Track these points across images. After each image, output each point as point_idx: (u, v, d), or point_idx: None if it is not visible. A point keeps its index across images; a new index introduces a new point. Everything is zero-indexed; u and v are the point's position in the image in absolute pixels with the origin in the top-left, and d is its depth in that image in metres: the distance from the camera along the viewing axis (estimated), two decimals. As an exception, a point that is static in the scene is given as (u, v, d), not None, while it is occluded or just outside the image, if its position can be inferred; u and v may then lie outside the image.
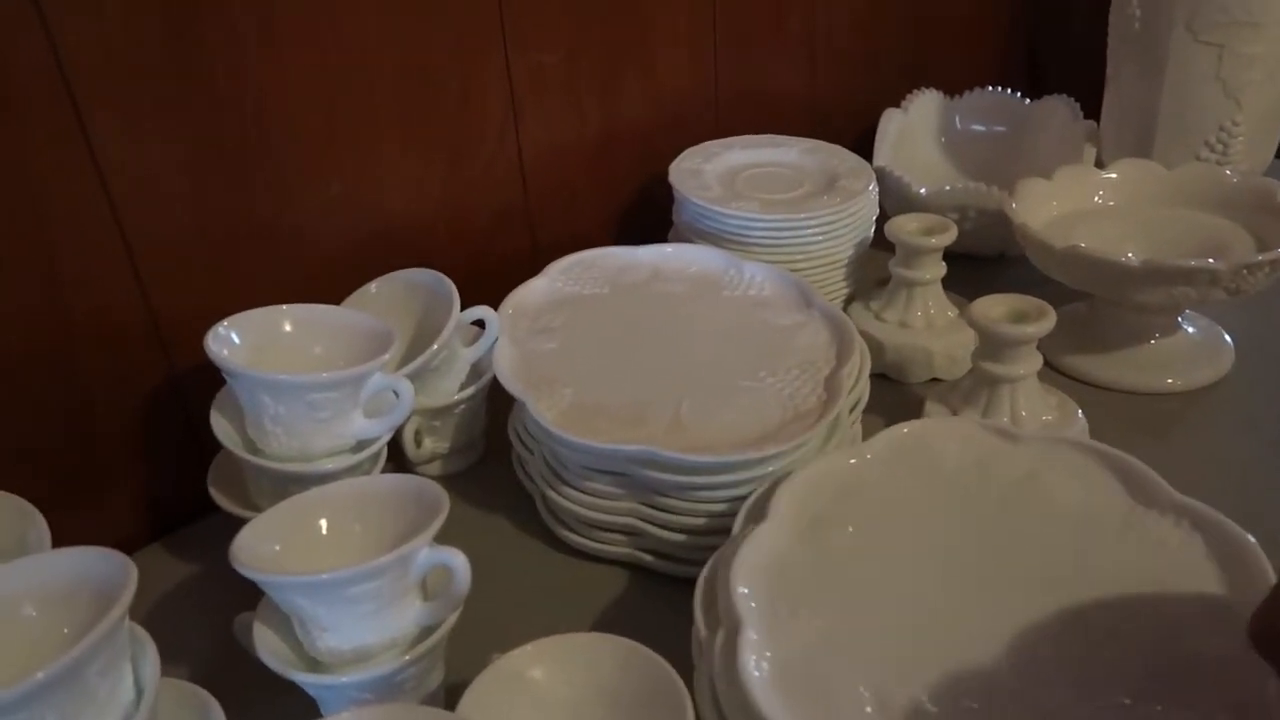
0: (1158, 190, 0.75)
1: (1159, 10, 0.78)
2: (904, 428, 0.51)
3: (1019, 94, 1.01)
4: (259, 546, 0.44)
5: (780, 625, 0.39)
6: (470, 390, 0.62)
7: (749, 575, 0.41)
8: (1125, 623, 0.40)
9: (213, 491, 0.54)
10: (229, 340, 0.52)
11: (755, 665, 0.36)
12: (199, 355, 0.51)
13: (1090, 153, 0.88)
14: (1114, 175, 0.77)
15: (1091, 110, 0.92)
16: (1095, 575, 0.42)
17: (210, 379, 0.54)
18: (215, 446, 0.54)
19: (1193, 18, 0.77)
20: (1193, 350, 0.71)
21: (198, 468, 0.57)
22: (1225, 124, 0.79)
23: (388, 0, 0.65)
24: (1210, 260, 0.62)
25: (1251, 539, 0.41)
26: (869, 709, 0.36)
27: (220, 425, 0.53)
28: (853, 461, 0.49)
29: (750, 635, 0.38)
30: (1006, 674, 0.38)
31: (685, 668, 0.42)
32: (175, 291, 0.59)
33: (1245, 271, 0.62)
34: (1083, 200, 0.76)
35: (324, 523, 0.47)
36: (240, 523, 0.46)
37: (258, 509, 0.52)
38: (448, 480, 0.64)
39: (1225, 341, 0.72)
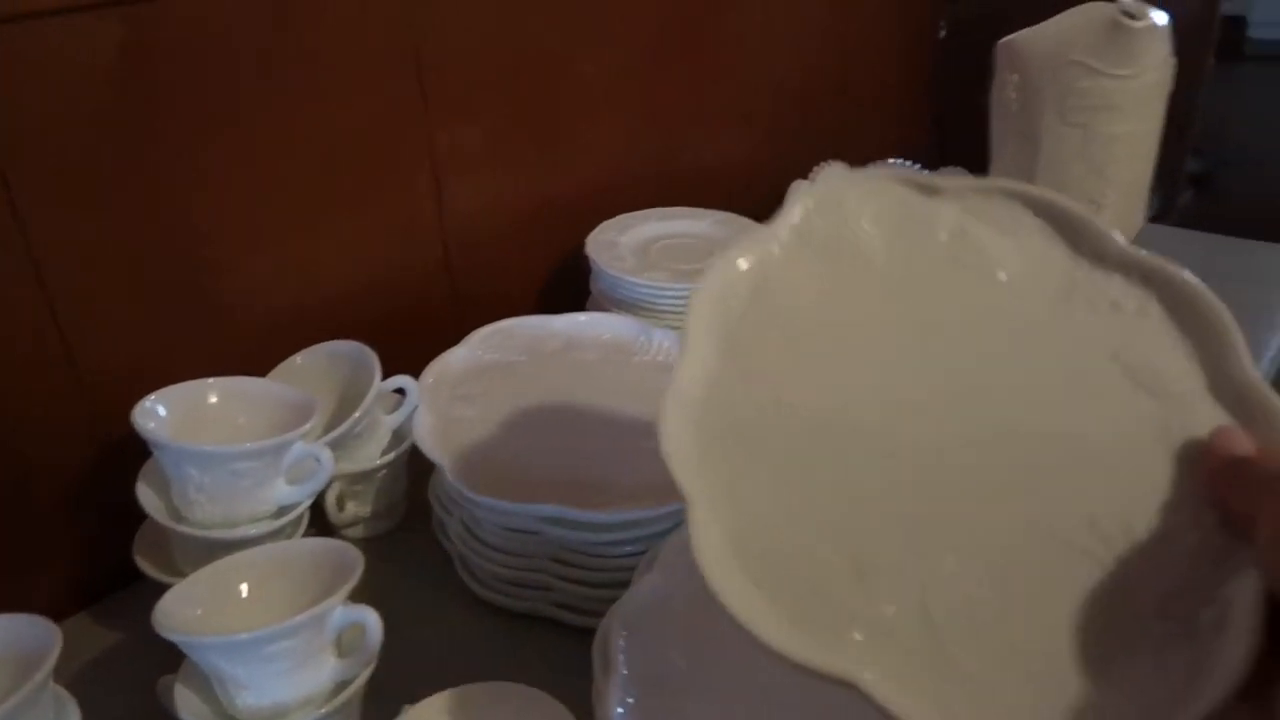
0: (1035, 257, 0.82)
1: (1032, 95, 0.86)
2: (809, 199, 0.42)
3: (918, 165, 1.09)
4: (181, 611, 0.47)
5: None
6: (391, 456, 0.65)
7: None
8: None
9: (138, 559, 0.56)
10: (155, 413, 0.55)
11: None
12: (127, 426, 0.54)
13: (979, 222, 0.95)
14: (995, 244, 0.83)
15: (983, 181, 0.99)
16: (1050, 363, 0.37)
17: (138, 448, 0.56)
18: (142, 515, 0.57)
19: (1061, 102, 0.84)
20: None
21: (125, 536, 0.59)
22: (1095, 197, 0.86)
23: (313, 77, 0.69)
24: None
25: (1213, 298, 0.37)
26: None
27: (146, 495, 0.55)
28: (747, 265, 0.40)
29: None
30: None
31: (589, 713, 0.45)
32: (105, 364, 0.62)
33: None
34: (968, 267, 0.83)
35: (245, 587, 0.50)
36: (166, 589, 0.48)
37: (183, 575, 0.54)
38: (370, 543, 0.67)
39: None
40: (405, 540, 0.68)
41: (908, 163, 1.09)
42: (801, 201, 0.42)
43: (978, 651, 0.30)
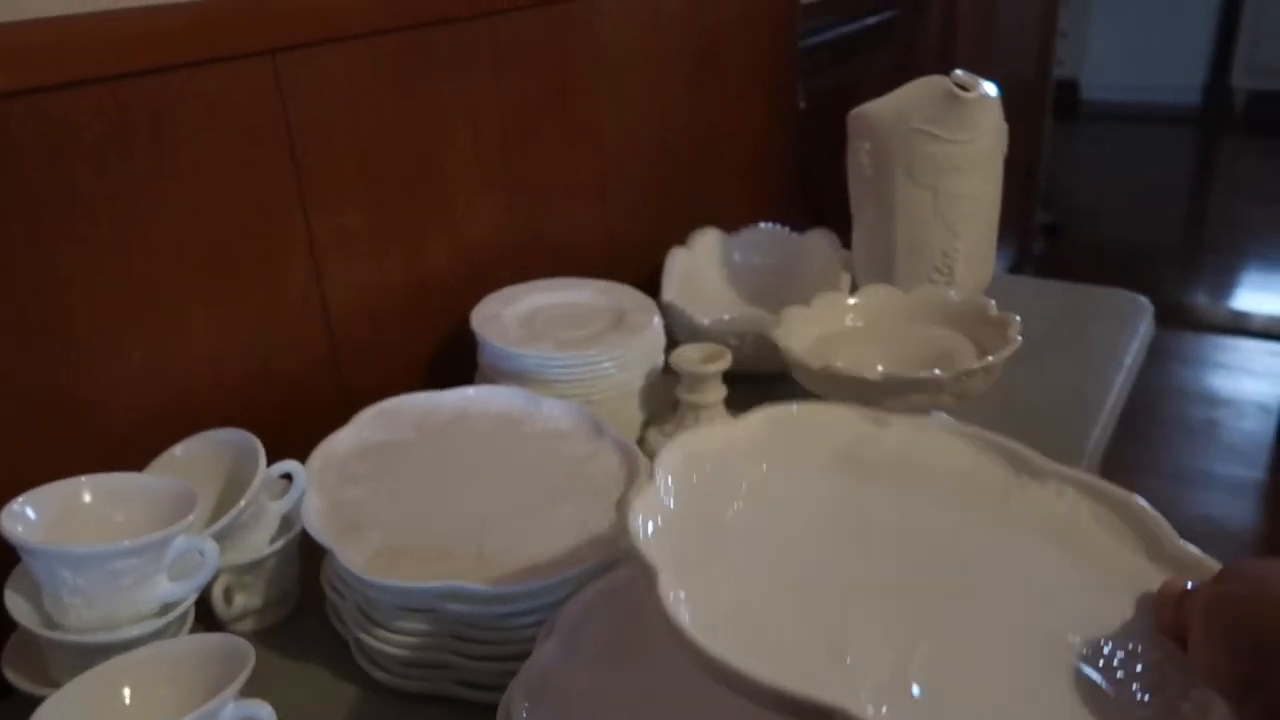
0: (898, 310, 0.87)
1: (883, 159, 0.92)
2: (766, 411, 0.51)
3: (788, 228, 1.14)
4: (60, 723, 0.45)
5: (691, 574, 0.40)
6: (280, 543, 0.64)
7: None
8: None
9: (8, 672, 0.53)
10: (24, 516, 0.53)
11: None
12: (-7, 533, 0.52)
13: (846, 279, 1.00)
14: (861, 299, 0.89)
15: (850, 240, 1.05)
16: (999, 548, 0.43)
17: (7, 554, 0.54)
18: (11, 625, 0.54)
19: (910, 165, 0.91)
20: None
21: (-7, 649, 0.56)
22: (947, 250, 0.93)
23: (187, 175, 0.69)
24: (935, 371, 0.73)
25: (1138, 500, 0.43)
26: None
27: (15, 603, 0.53)
28: (712, 445, 0.48)
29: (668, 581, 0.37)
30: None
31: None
32: (-34, 471, 0.59)
33: (964, 377, 0.73)
34: (837, 323, 0.87)
35: (128, 692, 0.48)
36: (39, 702, 0.46)
37: (58, 685, 0.52)
38: (262, 635, 0.65)
39: (966, 437, 0.83)
40: (299, 628, 0.66)
41: (778, 226, 1.14)
42: (766, 413, 0.51)
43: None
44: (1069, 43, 3.88)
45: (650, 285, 0.95)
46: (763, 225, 1.15)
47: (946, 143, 0.88)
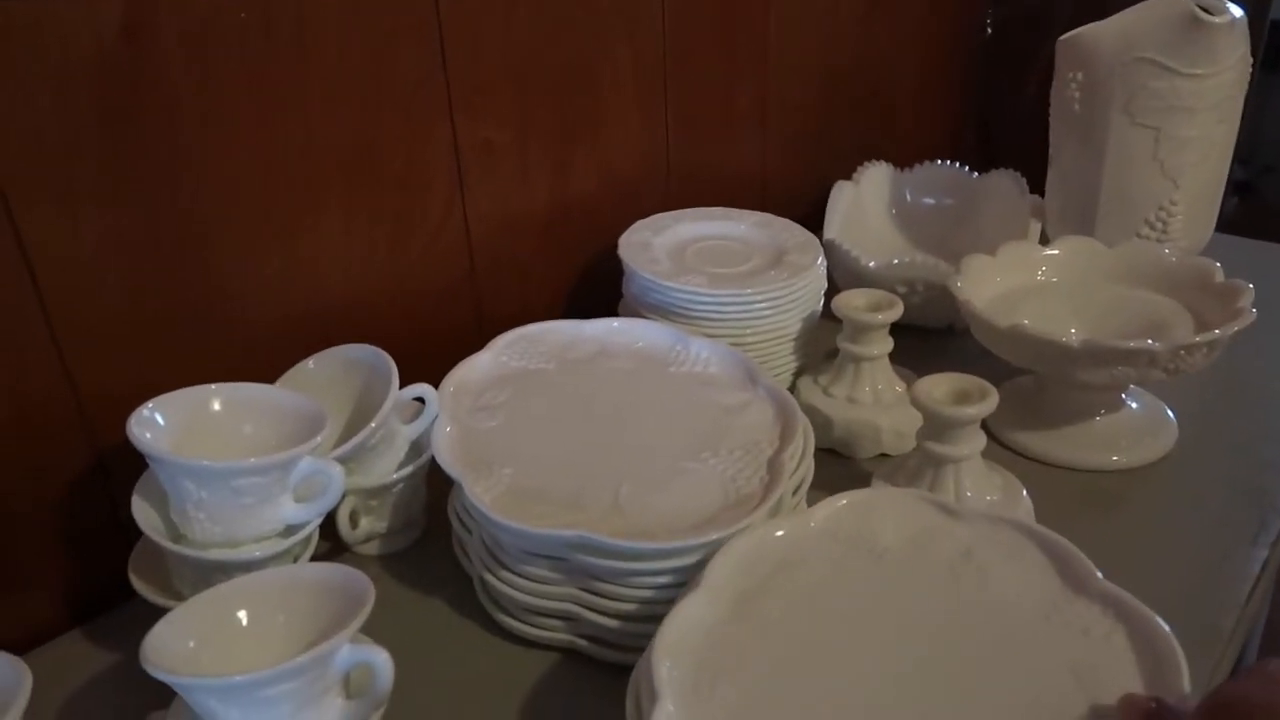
0: (1099, 267, 0.76)
1: (1097, 94, 0.80)
2: (843, 499, 0.51)
3: (968, 168, 1.03)
4: (173, 643, 0.43)
5: (699, 699, 0.39)
6: (409, 469, 0.61)
7: (672, 647, 0.41)
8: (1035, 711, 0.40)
9: (134, 579, 0.52)
10: (153, 422, 0.51)
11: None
12: (125, 437, 0.50)
13: (1035, 228, 0.89)
14: (1056, 252, 0.78)
15: (1038, 184, 0.94)
16: (1016, 663, 0.42)
17: (137, 461, 0.52)
18: (139, 531, 0.52)
19: (1130, 101, 0.79)
20: (1137, 427, 0.72)
21: (121, 553, 0.55)
22: (1164, 203, 0.81)
23: (331, 75, 0.65)
24: (1149, 342, 0.63)
25: (1169, 632, 0.42)
26: None
27: (142, 511, 0.51)
28: (782, 534, 0.49)
29: (667, 708, 0.37)
30: None
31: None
32: (102, 373, 0.57)
33: (1183, 353, 0.63)
34: (1026, 277, 0.77)
35: (244, 615, 0.46)
36: (162, 611, 0.44)
37: (180, 597, 0.50)
38: (385, 561, 0.63)
39: (1169, 418, 0.73)
40: (423, 559, 0.63)
41: (955, 164, 1.03)
42: (837, 501, 0.51)
43: None
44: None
45: (810, 222, 0.87)
46: (938, 163, 1.04)
47: (1180, 76, 0.76)
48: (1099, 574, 0.45)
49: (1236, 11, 0.76)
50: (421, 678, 0.53)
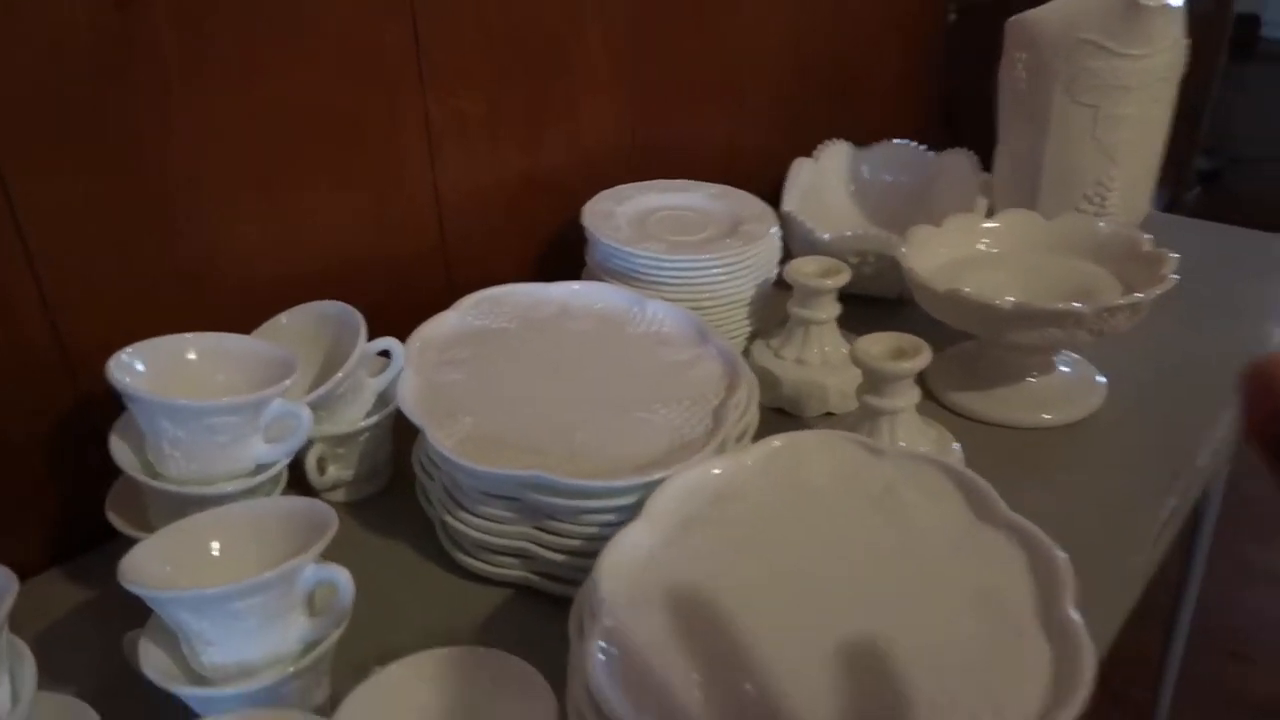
0: (1037, 239, 0.81)
1: (1042, 73, 0.84)
2: (777, 440, 0.55)
3: (924, 147, 1.07)
4: (149, 566, 0.46)
5: (635, 616, 0.43)
6: (375, 419, 0.64)
7: (613, 568, 0.45)
8: (933, 629, 0.44)
9: (111, 515, 0.55)
10: (132, 368, 0.54)
11: (604, 665, 0.39)
12: (105, 381, 0.53)
13: (983, 204, 0.93)
14: (998, 224, 0.82)
15: (992, 163, 0.97)
16: (928, 586, 0.46)
17: (117, 406, 0.55)
18: (118, 472, 0.56)
19: (1071, 81, 0.82)
20: (1067, 388, 0.76)
21: (100, 494, 0.58)
22: (1102, 178, 0.85)
23: (309, 48, 0.68)
24: (1075, 304, 0.67)
25: (1062, 556, 0.45)
26: (696, 686, 0.40)
27: (120, 449, 0.54)
28: (719, 471, 0.52)
29: (605, 623, 0.40)
30: (819, 670, 0.41)
31: (563, 681, 0.44)
32: (85, 322, 0.60)
33: (1106, 314, 0.67)
34: (969, 247, 0.81)
35: (216, 544, 0.49)
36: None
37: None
38: (352, 507, 0.66)
39: (1097, 381, 0.77)
40: (388, 505, 0.67)
41: (912, 143, 1.07)
42: (772, 442, 0.55)
43: None
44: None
45: (772, 198, 0.90)
46: (896, 141, 1.08)
47: (1117, 56, 0.79)
48: (1005, 506, 0.49)
49: (1172, -4, 0.80)
50: (384, 614, 0.56)
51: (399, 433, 0.67)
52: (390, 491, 0.68)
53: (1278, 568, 1.57)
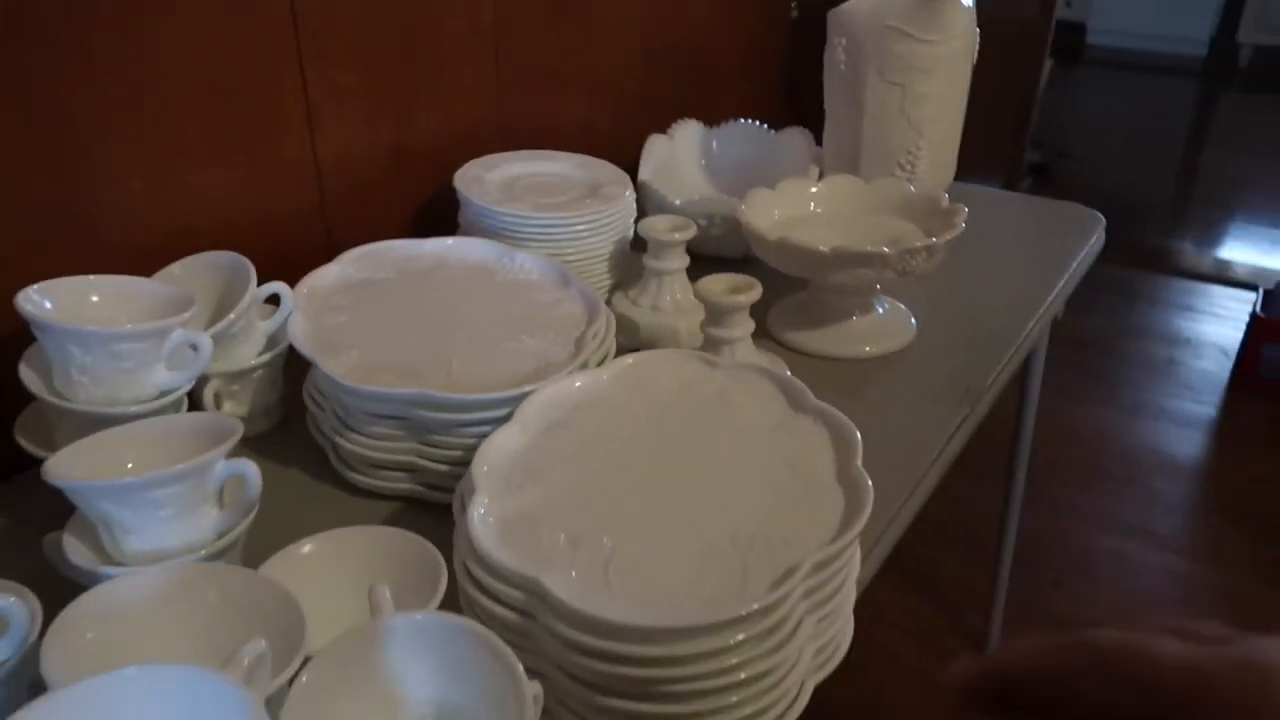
0: (858, 199, 0.93)
1: (857, 56, 0.97)
2: (630, 358, 0.64)
3: (767, 126, 1.19)
4: (72, 470, 0.51)
5: (508, 493, 0.51)
6: (266, 357, 0.70)
7: (489, 457, 0.53)
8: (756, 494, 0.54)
9: (19, 438, 0.60)
10: (40, 305, 0.59)
11: (482, 520, 0.47)
12: (5, 326, 0.57)
13: (814, 172, 1.05)
14: (824, 188, 0.94)
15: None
16: (751, 463, 0.56)
17: (16, 345, 0.60)
18: (21, 403, 0.60)
19: (882, 63, 0.95)
20: (884, 326, 0.88)
21: (5, 429, 0.63)
22: (911, 149, 0.98)
23: (194, 21, 0.73)
24: (883, 248, 0.79)
25: (853, 427, 0.56)
26: (562, 541, 0.49)
27: (29, 377, 0.59)
28: (580, 384, 0.61)
29: (482, 498, 0.49)
30: (660, 523, 0.51)
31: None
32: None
33: (907, 255, 0.79)
34: (800, 207, 0.93)
35: (130, 454, 0.54)
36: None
37: (65, 454, 0.58)
38: (246, 442, 0.71)
39: (909, 321, 0.90)
40: (282, 438, 0.73)
41: (757, 123, 1.19)
42: (625, 360, 0.64)
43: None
44: (1079, -16, 3.86)
45: (631, 173, 1.00)
46: (742, 121, 1.19)
47: (917, 41, 0.92)
48: (814, 397, 0.60)
49: (963, -8, 0.94)
50: (284, 531, 0.62)
51: (290, 377, 0.73)
52: (283, 428, 0.74)
53: (1088, 507, 1.78)
